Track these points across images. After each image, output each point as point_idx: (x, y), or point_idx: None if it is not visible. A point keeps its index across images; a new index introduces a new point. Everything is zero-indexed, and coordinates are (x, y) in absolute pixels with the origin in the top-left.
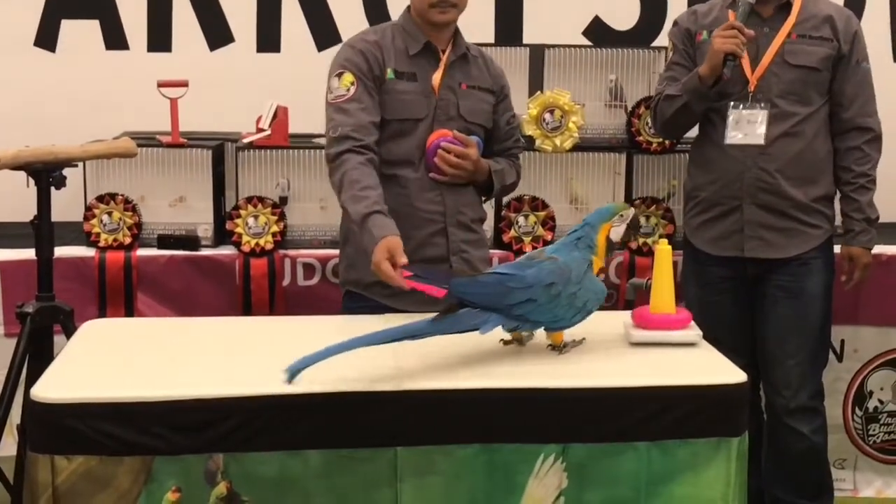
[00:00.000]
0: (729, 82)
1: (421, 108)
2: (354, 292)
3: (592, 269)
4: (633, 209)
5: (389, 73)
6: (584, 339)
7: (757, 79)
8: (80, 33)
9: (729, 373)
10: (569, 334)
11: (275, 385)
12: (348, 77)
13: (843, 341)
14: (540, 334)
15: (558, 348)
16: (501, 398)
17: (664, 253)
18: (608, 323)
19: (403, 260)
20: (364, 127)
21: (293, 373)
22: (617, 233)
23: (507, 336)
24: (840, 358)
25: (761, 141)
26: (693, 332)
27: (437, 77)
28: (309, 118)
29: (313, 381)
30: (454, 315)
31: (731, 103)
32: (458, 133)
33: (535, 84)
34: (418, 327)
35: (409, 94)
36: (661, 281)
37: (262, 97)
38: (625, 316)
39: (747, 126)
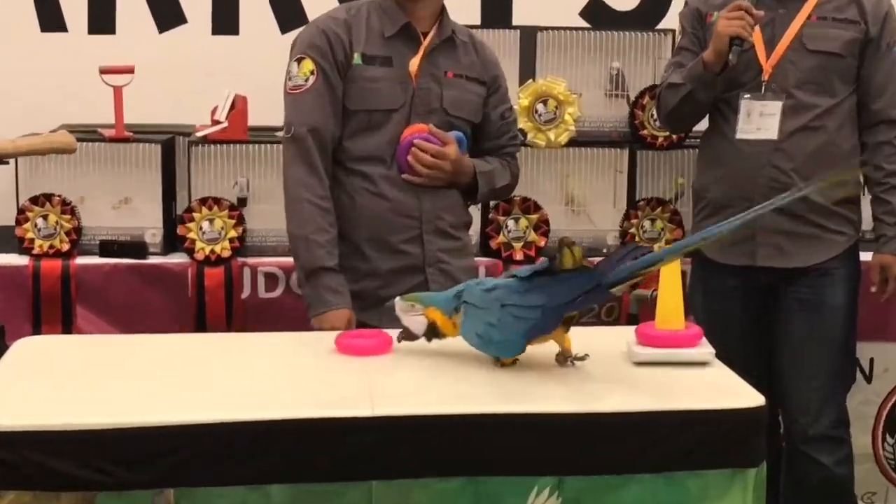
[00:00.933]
0: (740, 70)
1: (394, 97)
2: None
3: None
4: None
5: (356, 59)
6: (587, 355)
7: (772, 66)
8: (12, 14)
9: (744, 395)
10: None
11: (233, 411)
12: (308, 64)
13: (872, 360)
14: (532, 353)
15: (571, 358)
16: (489, 424)
17: (671, 270)
18: (608, 340)
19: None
20: (321, 126)
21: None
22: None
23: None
24: (869, 378)
25: (775, 136)
26: (705, 350)
27: (415, 63)
28: (271, 109)
29: (276, 406)
30: None
31: (743, 93)
32: (435, 129)
33: (527, 71)
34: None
35: (380, 81)
36: (668, 292)
37: (219, 85)
38: (627, 332)
39: (760, 119)
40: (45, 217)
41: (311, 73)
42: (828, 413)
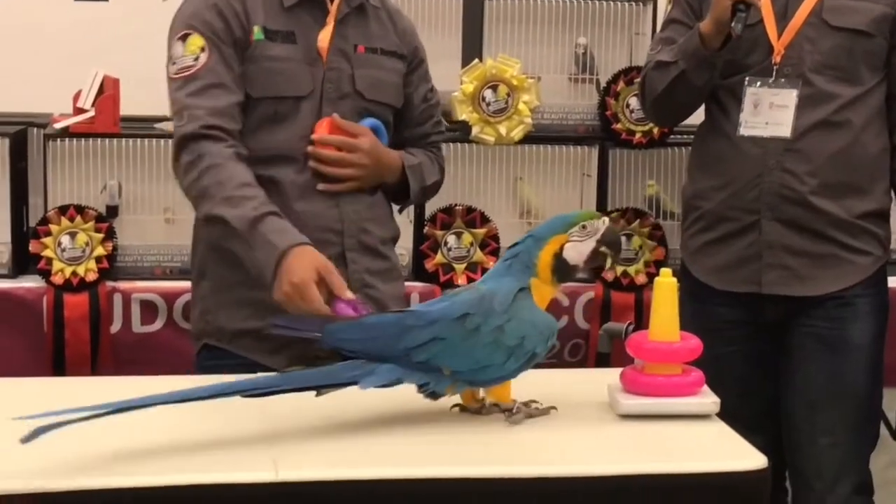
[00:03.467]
0: (745, 50)
1: (303, 81)
2: (215, 347)
3: (530, 294)
4: (605, 220)
5: (257, 33)
6: (553, 407)
7: (784, 46)
8: None
9: (743, 455)
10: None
11: (94, 475)
12: (196, 41)
13: None
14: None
15: (507, 410)
16: (430, 493)
17: (666, 287)
18: (587, 386)
19: (346, 293)
20: (223, 112)
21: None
22: (577, 250)
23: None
24: None
25: (788, 133)
26: (708, 400)
27: (324, 37)
28: (148, 95)
29: (151, 470)
30: (327, 366)
31: (749, 79)
32: (340, 119)
33: (472, 49)
34: (264, 381)
35: (285, 61)
36: (662, 324)
37: (83, 64)
38: (611, 377)
39: (770, 112)
40: None
41: (201, 49)
42: (848, 477)
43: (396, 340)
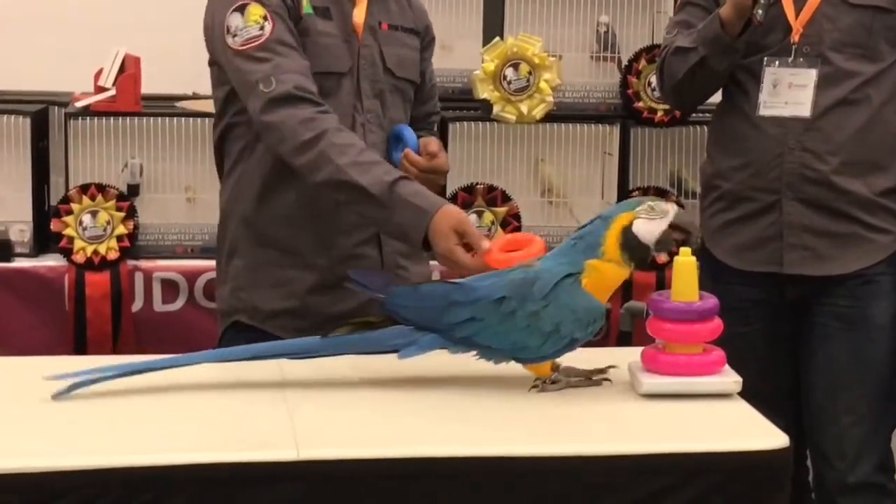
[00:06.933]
0: (762, 30)
1: (343, 57)
2: (246, 325)
3: (578, 280)
4: (675, 207)
5: (306, 7)
6: (609, 367)
7: (803, 25)
8: None
9: (764, 434)
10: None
11: (114, 454)
12: (256, 10)
13: None
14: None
15: (538, 382)
16: (449, 472)
17: (686, 267)
18: (608, 365)
19: (485, 243)
20: (307, 75)
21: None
22: (647, 228)
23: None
24: None
25: (807, 112)
26: (729, 379)
27: (359, 13)
28: (170, 73)
29: (170, 448)
30: (373, 332)
31: (767, 59)
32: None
33: (493, 27)
34: (308, 345)
35: (330, 37)
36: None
37: (104, 42)
38: (632, 355)
39: (789, 91)
40: None
41: (264, 18)
42: (870, 456)
43: (442, 314)
